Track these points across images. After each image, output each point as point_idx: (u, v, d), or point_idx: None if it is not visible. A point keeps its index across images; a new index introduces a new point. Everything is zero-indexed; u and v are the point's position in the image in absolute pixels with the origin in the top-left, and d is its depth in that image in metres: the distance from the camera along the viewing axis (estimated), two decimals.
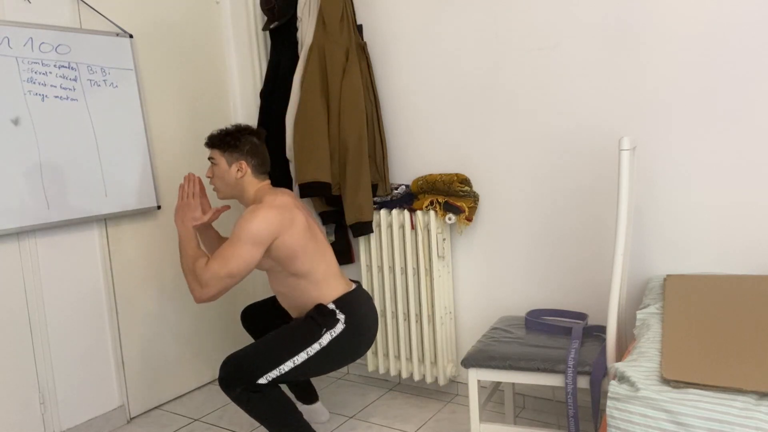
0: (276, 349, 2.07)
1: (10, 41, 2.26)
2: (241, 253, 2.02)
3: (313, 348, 2.08)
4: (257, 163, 2.23)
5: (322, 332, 2.09)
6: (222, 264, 2.01)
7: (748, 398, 1.22)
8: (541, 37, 2.35)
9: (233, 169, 2.20)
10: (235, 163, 2.20)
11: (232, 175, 2.21)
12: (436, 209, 2.53)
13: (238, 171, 2.20)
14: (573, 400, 1.86)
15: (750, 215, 2.06)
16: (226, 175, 2.22)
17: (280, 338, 2.10)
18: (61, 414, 2.47)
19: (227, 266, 2.01)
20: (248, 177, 2.22)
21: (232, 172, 2.21)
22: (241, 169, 2.20)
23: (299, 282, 2.17)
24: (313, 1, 2.66)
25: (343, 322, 2.13)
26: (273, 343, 2.09)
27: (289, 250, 2.10)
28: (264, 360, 2.05)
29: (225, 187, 2.24)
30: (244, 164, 2.20)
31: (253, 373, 2.02)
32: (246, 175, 2.21)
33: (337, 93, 2.61)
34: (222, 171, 2.22)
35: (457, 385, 2.76)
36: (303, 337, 2.09)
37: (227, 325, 3.16)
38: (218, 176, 2.23)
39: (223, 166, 2.21)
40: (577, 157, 2.34)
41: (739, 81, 2.03)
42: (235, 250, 2.02)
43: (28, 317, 2.37)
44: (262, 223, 2.03)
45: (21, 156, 2.29)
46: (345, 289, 2.21)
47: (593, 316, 2.38)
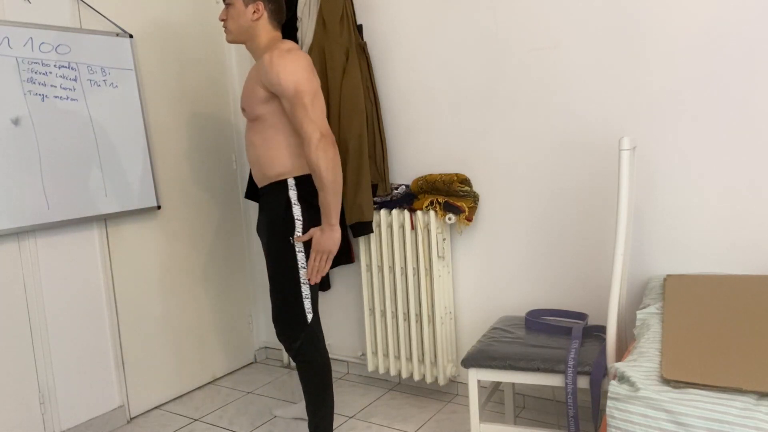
0: (286, 288, 2.13)
1: (10, 41, 2.26)
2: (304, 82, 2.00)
3: (299, 260, 2.12)
4: (274, 8, 2.15)
5: (292, 241, 2.11)
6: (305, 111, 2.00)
7: (748, 398, 1.22)
8: (541, 37, 2.35)
9: (249, 10, 2.12)
10: (252, 4, 2.11)
11: (248, 16, 2.12)
12: (436, 209, 2.53)
13: (254, 12, 2.12)
14: (573, 400, 1.86)
15: (750, 215, 2.06)
16: (241, 17, 2.13)
17: (278, 277, 2.15)
18: (61, 414, 2.47)
19: (308, 107, 2.00)
20: (263, 21, 2.14)
21: (248, 13, 2.12)
22: (258, 10, 2.12)
23: (277, 137, 2.11)
24: (313, 1, 2.66)
25: (299, 215, 2.11)
26: (279, 285, 2.15)
27: None
28: (290, 302, 2.13)
29: (237, 30, 2.15)
30: (261, 6, 2.12)
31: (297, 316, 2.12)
32: (262, 18, 2.13)
33: (337, 93, 2.61)
34: (237, 12, 2.13)
35: (457, 385, 2.76)
36: (285, 259, 2.12)
37: (227, 325, 3.16)
38: (233, 17, 2.14)
39: (239, 7, 2.12)
40: (577, 157, 2.34)
41: (739, 81, 2.03)
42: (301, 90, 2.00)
43: (28, 317, 2.37)
44: (302, 57, 2.04)
45: (21, 156, 2.29)
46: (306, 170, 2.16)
47: (593, 316, 2.38)
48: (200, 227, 3.01)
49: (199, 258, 3.01)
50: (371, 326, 2.80)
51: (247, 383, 3.05)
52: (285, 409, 2.65)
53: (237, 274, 3.22)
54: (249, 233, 3.29)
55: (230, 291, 3.18)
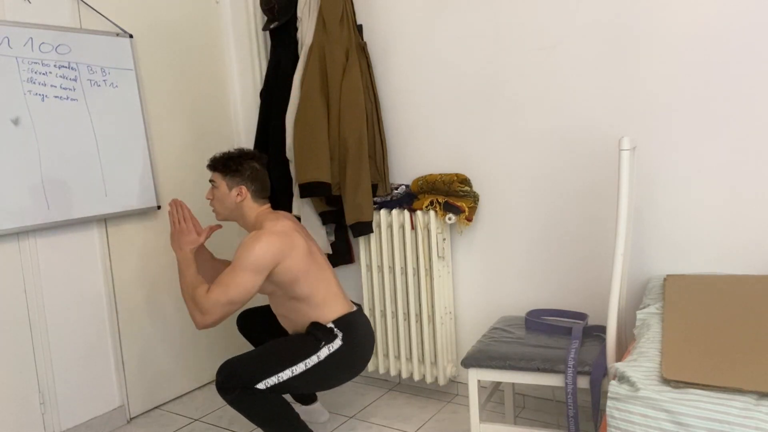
0: (275, 357, 2.08)
1: (10, 41, 2.26)
2: (243, 280, 2.03)
3: (311, 360, 2.09)
4: (257, 189, 2.25)
5: (320, 346, 2.11)
6: (223, 291, 2.02)
7: (748, 398, 1.22)
8: (542, 37, 2.35)
9: (233, 193, 2.22)
10: (236, 187, 2.22)
11: (232, 199, 2.23)
12: (436, 209, 2.53)
13: (238, 195, 2.22)
14: (573, 400, 1.86)
15: (750, 215, 2.06)
16: (226, 199, 2.24)
17: (280, 347, 2.13)
18: (61, 414, 2.47)
19: (228, 293, 2.02)
20: (248, 201, 2.24)
21: (232, 196, 2.23)
22: (241, 193, 2.22)
23: (300, 305, 2.19)
24: (313, 1, 2.66)
25: (341, 339, 2.14)
26: (273, 351, 2.11)
27: (290, 274, 2.12)
28: (263, 366, 2.06)
29: (224, 210, 2.26)
30: (244, 189, 2.22)
31: (251, 378, 2.03)
32: (246, 199, 2.23)
33: (337, 93, 2.61)
34: (222, 194, 2.24)
35: (457, 385, 2.76)
36: (302, 348, 2.11)
37: (227, 326, 3.16)
38: (218, 199, 2.25)
39: (223, 190, 2.23)
40: (577, 157, 2.34)
41: (739, 81, 2.03)
42: (236, 278, 2.03)
43: (28, 317, 2.37)
44: (263, 250, 2.05)
45: (21, 156, 2.29)
46: (345, 310, 2.22)
47: (593, 316, 2.38)
48: None
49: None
50: None
51: None
52: None
53: None
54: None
55: None
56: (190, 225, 2.22)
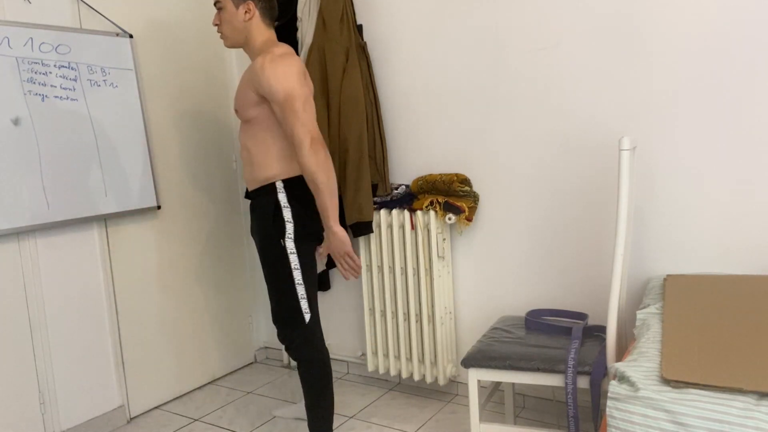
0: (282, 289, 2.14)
1: (10, 41, 2.26)
2: (295, 87, 1.99)
3: (292, 261, 2.12)
4: (265, 6, 2.14)
5: (283, 244, 2.11)
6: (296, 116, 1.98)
7: (748, 398, 1.22)
8: (541, 37, 2.35)
9: (241, 10, 2.11)
10: (243, 4, 2.11)
11: (240, 17, 2.11)
12: (436, 209, 2.53)
13: (246, 13, 2.11)
14: (573, 400, 1.86)
15: (750, 215, 2.06)
16: (233, 19, 2.12)
17: (273, 280, 2.16)
18: (61, 414, 2.47)
19: (299, 112, 1.98)
20: (256, 20, 2.12)
21: (239, 14, 2.11)
22: (249, 10, 2.11)
23: (267, 140, 2.11)
24: (313, 1, 2.66)
25: (289, 218, 2.11)
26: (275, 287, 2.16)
27: None
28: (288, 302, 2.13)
29: (232, 32, 2.15)
30: (251, 5, 2.11)
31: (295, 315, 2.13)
32: (254, 17, 2.12)
33: (337, 93, 2.61)
34: (229, 14, 2.12)
35: (457, 385, 2.76)
36: (278, 263, 2.13)
37: (227, 325, 3.16)
38: (225, 21, 2.14)
39: (230, 9, 2.12)
40: (577, 157, 2.34)
41: (739, 81, 2.03)
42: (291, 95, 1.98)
43: (28, 317, 2.37)
44: (294, 61, 2.03)
45: (21, 156, 2.29)
46: (299, 173, 2.15)
47: (593, 316, 2.38)
48: (200, 227, 3.01)
49: (199, 258, 3.01)
50: (371, 326, 2.80)
51: (247, 383, 3.05)
52: (285, 409, 2.65)
53: (237, 274, 3.22)
54: (249, 233, 3.29)
55: (230, 291, 3.18)
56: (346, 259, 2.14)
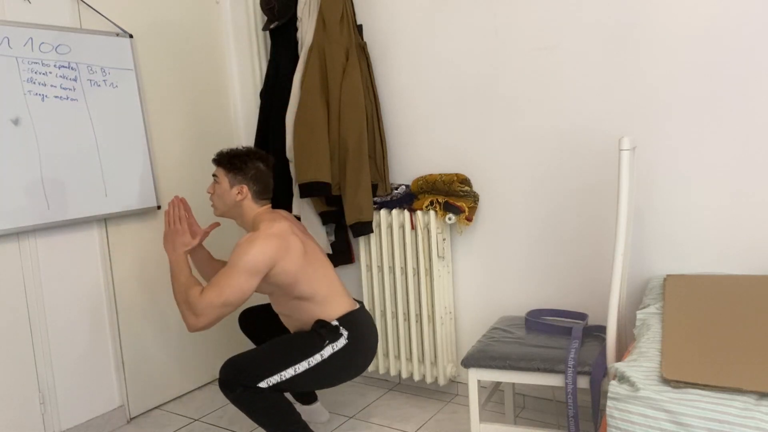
0: (278, 356, 2.08)
1: (10, 41, 2.26)
2: (237, 282, 2.01)
3: (314, 358, 2.09)
4: (259, 189, 2.24)
5: (325, 344, 2.11)
6: (218, 293, 2.00)
7: (748, 398, 1.22)
8: (542, 37, 2.35)
9: (234, 191, 2.21)
10: (237, 185, 2.21)
11: (232, 196, 2.22)
12: (436, 209, 2.53)
13: (238, 194, 2.21)
14: (573, 400, 1.86)
15: (750, 215, 2.06)
16: (226, 195, 2.23)
17: (283, 345, 2.12)
18: (61, 414, 2.47)
19: (222, 295, 2.00)
20: (247, 201, 2.23)
21: (232, 193, 2.22)
22: (241, 192, 2.21)
23: (302, 304, 2.18)
24: (313, 1, 2.66)
25: (345, 337, 2.14)
26: (276, 349, 2.11)
27: (288, 276, 2.11)
28: (266, 364, 2.06)
29: (223, 206, 2.25)
30: (245, 188, 2.21)
31: (254, 376, 2.03)
32: (246, 199, 2.22)
33: (337, 93, 2.61)
34: (223, 190, 2.23)
35: (457, 385, 2.76)
36: (306, 346, 2.11)
37: (227, 325, 3.16)
38: (218, 194, 2.24)
39: (224, 186, 2.22)
40: (577, 157, 2.34)
41: (739, 81, 2.03)
42: (231, 280, 2.01)
43: (28, 317, 2.37)
44: (258, 253, 2.03)
45: (21, 156, 2.29)
46: (348, 308, 2.22)
47: (593, 316, 2.38)
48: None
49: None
50: None
51: None
52: None
53: None
54: None
55: None
56: (185, 226, 2.19)
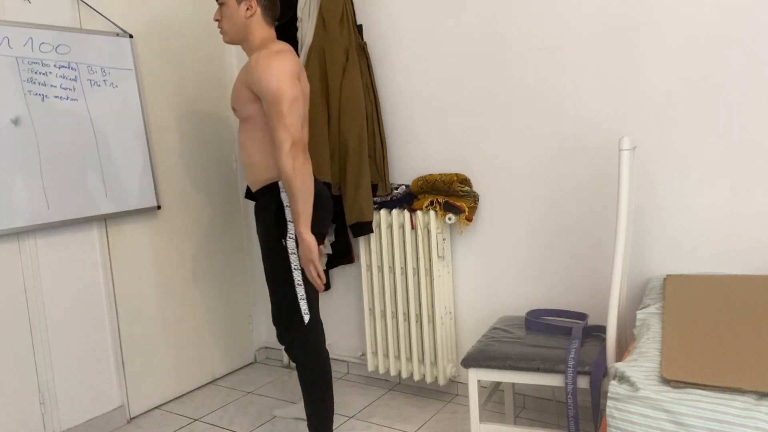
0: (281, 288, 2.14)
1: (10, 41, 2.26)
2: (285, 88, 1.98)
3: (293, 261, 2.12)
4: (267, 4, 2.15)
5: (285, 243, 2.12)
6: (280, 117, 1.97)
7: (748, 398, 1.22)
8: (542, 37, 2.35)
9: (242, 7, 2.12)
10: (245, 1, 2.12)
11: (241, 14, 2.13)
12: (436, 209, 2.53)
13: (247, 10, 2.13)
14: (573, 400, 1.86)
15: (750, 215, 2.06)
16: (234, 15, 2.13)
17: (272, 277, 2.16)
18: (61, 414, 2.47)
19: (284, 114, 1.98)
20: (257, 17, 2.14)
21: (241, 11, 2.12)
22: (250, 7, 2.13)
23: (267, 140, 2.11)
24: (313, 2, 2.66)
25: (290, 218, 2.10)
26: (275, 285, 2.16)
27: None
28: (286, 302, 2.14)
29: (232, 29, 2.16)
30: (253, 2, 2.12)
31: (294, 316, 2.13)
32: (255, 14, 2.13)
33: (337, 93, 2.61)
34: (230, 10, 2.14)
35: (457, 385, 2.76)
36: (279, 261, 2.13)
37: (227, 325, 3.16)
38: (227, 16, 2.15)
39: (231, 5, 2.13)
40: (577, 157, 2.34)
41: (739, 81, 2.03)
42: (279, 95, 1.98)
43: (28, 317, 2.37)
44: (287, 60, 2.02)
45: (21, 156, 2.29)
46: None
47: (593, 316, 2.38)
48: (200, 227, 3.01)
49: (199, 258, 3.01)
50: (371, 326, 2.80)
51: (247, 383, 3.05)
52: (285, 409, 2.65)
53: (237, 274, 3.22)
54: (249, 233, 3.29)
55: (230, 291, 3.18)
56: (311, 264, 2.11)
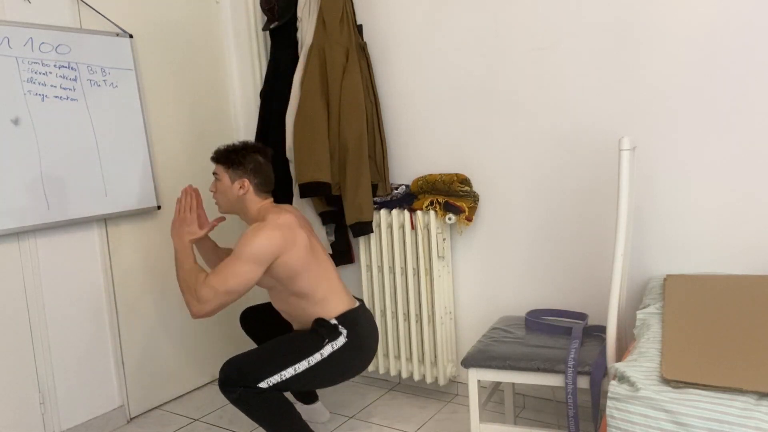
0: (278, 356, 2.08)
1: (10, 41, 2.26)
2: (242, 270, 2.02)
3: (314, 357, 2.09)
4: (260, 182, 2.24)
5: (324, 343, 2.11)
6: (221, 281, 2.01)
7: (748, 398, 1.22)
8: (542, 37, 2.35)
9: (236, 186, 2.21)
10: (238, 180, 2.21)
11: (234, 192, 2.22)
12: (436, 209, 2.53)
13: (240, 188, 2.21)
14: (573, 400, 1.86)
15: (750, 215, 2.06)
16: (228, 192, 2.23)
17: (282, 345, 2.12)
18: (61, 414, 2.47)
19: (227, 283, 2.01)
20: (250, 195, 2.23)
21: (234, 188, 2.22)
22: (243, 186, 2.21)
23: (300, 301, 2.18)
24: (313, 1, 2.66)
25: (345, 336, 2.14)
26: (276, 349, 2.11)
27: (290, 269, 2.11)
28: (266, 365, 2.05)
29: (226, 203, 2.26)
30: (246, 182, 2.21)
31: (254, 377, 2.03)
32: (248, 192, 2.22)
33: (337, 93, 2.61)
34: (224, 187, 2.23)
35: (457, 385, 2.76)
36: (305, 346, 2.11)
37: (227, 325, 3.16)
38: (221, 191, 2.25)
39: (225, 182, 2.23)
40: (577, 157, 2.34)
41: (739, 81, 2.03)
42: (235, 268, 2.02)
43: (28, 317, 2.37)
44: (264, 241, 2.04)
45: (21, 156, 2.29)
46: (348, 306, 2.21)
47: (593, 316, 2.38)
48: None
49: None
50: None
51: None
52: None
53: None
54: None
55: None
56: (194, 216, 2.21)
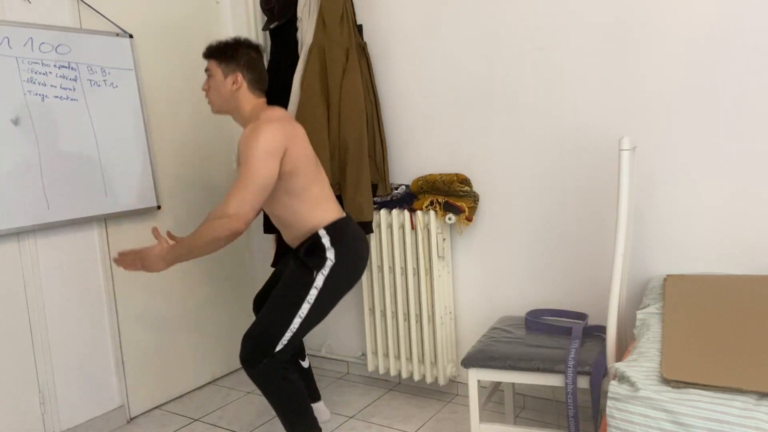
0: (279, 313, 2.07)
1: (10, 41, 2.26)
2: (259, 166, 1.96)
3: (311, 295, 2.07)
4: (253, 78, 2.17)
5: (314, 276, 2.08)
6: (242, 187, 1.94)
7: (748, 398, 1.22)
8: (542, 37, 2.35)
9: (228, 81, 2.14)
10: (231, 74, 2.14)
11: (228, 87, 2.15)
12: (436, 209, 2.53)
13: (233, 83, 2.14)
14: (573, 400, 1.86)
15: (750, 215, 2.06)
16: (221, 87, 2.16)
17: (278, 301, 2.10)
18: (61, 414, 2.47)
19: (249, 185, 1.94)
20: (243, 91, 2.16)
21: (227, 84, 2.15)
22: (236, 81, 2.14)
23: (293, 201, 2.12)
24: (313, 1, 2.66)
25: (332, 257, 2.10)
26: (274, 308, 2.09)
27: (291, 163, 2.05)
28: (273, 325, 2.05)
29: (219, 100, 2.19)
30: (239, 77, 2.14)
31: (270, 342, 2.03)
32: (241, 88, 2.15)
33: (337, 93, 2.61)
34: (217, 83, 2.16)
35: (457, 385, 2.76)
36: (297, 289, 2.08)
37: (227, 325, 3.16)
38: (213, 88, 2.18)
39: (218, 78, 2.16)
40: (577, 157, 2.34)
41: (739, 81, 2.03)
42: (250, 169, 1.95)
43: (28, 317, 2.37)
44: (268, 135, 1.98)
45: (21, 156, 2.29)
46: (337, 215, 2.17)
47: (593, 316, 2.38)
48: None
49: (198, 258, 3.01)
50: (371, 326, 2.80)
51: (247, 383, 3.05)
52: None
53: (237, 274, 3.21)
54: (249, 233, 3.29)
55: (230, 291, 3.18)
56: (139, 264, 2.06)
